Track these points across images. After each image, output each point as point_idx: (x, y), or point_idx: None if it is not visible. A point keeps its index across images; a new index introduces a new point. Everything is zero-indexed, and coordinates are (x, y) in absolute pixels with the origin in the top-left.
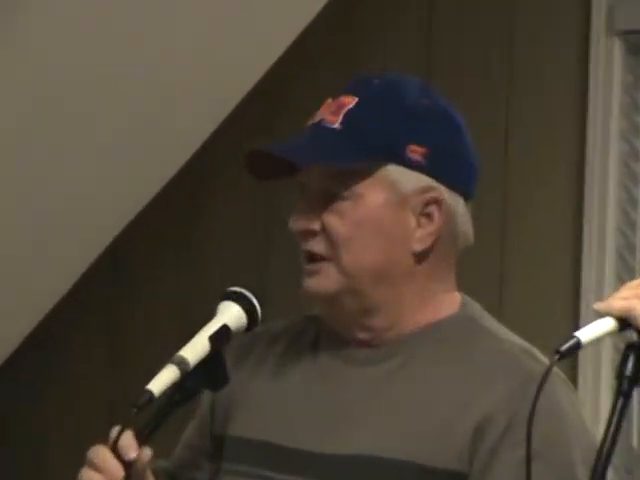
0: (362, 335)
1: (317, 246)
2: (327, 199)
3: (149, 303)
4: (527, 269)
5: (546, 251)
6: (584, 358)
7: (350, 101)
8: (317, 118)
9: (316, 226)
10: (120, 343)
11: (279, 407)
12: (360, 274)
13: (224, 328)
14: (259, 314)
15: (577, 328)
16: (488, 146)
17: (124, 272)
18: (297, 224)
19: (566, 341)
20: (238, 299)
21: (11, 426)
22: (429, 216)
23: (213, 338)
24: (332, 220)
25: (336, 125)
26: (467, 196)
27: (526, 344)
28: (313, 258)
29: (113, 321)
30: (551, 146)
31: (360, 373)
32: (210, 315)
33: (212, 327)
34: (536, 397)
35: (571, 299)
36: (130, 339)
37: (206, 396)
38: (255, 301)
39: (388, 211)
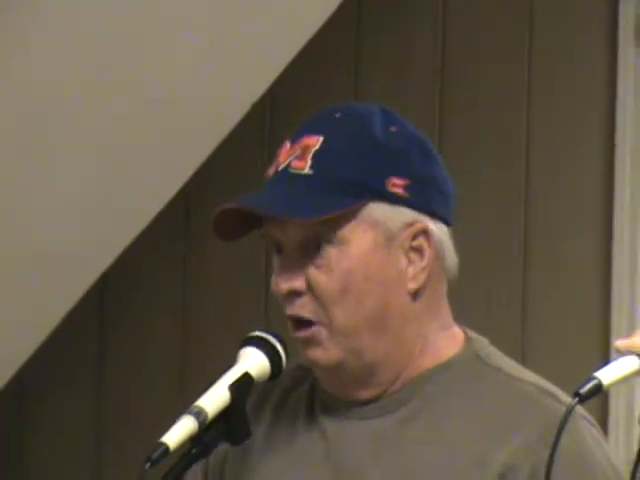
0: (366, 394)
1: (304, 309)
2: (308, 252)
3: (142, 340)
4: (552, 301)
5: (573, 283)
6: (616, 393)
7: (314, 142)
8: (281, 165)
9: (300, 285)
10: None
11: None
12: (358, 330)
13: (246, 377)
14: (284, 364)
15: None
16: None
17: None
18: (280, 286)
19: (587, 382)
20: (262, 345)
21: None
22: (418, 250)
23: (234, 388)
24: (318, 276)
25: (306, 170)
26: (448, 223)
27: (543, 382)
28: (301, 323)
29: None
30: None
31: (366, 429)
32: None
33: (233, 375)
34: (555, 443)
35: (600, 335)
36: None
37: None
38: (280, 348)
39: (378, 253)
